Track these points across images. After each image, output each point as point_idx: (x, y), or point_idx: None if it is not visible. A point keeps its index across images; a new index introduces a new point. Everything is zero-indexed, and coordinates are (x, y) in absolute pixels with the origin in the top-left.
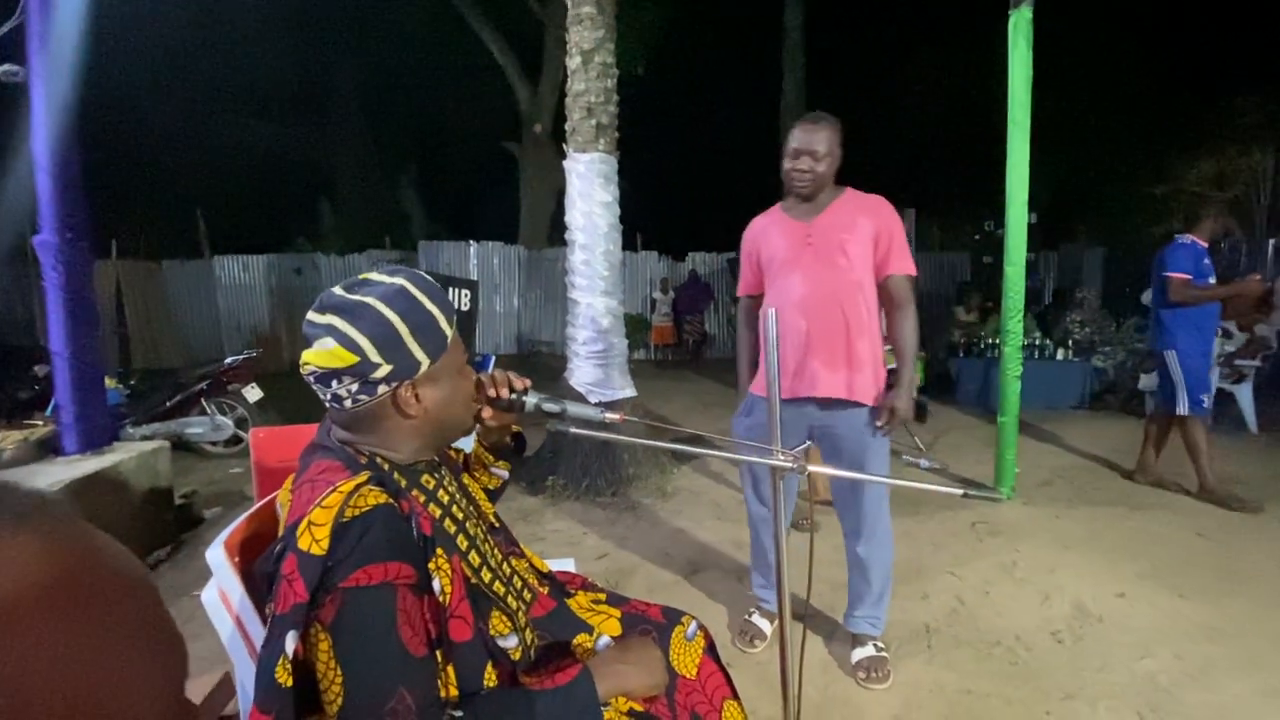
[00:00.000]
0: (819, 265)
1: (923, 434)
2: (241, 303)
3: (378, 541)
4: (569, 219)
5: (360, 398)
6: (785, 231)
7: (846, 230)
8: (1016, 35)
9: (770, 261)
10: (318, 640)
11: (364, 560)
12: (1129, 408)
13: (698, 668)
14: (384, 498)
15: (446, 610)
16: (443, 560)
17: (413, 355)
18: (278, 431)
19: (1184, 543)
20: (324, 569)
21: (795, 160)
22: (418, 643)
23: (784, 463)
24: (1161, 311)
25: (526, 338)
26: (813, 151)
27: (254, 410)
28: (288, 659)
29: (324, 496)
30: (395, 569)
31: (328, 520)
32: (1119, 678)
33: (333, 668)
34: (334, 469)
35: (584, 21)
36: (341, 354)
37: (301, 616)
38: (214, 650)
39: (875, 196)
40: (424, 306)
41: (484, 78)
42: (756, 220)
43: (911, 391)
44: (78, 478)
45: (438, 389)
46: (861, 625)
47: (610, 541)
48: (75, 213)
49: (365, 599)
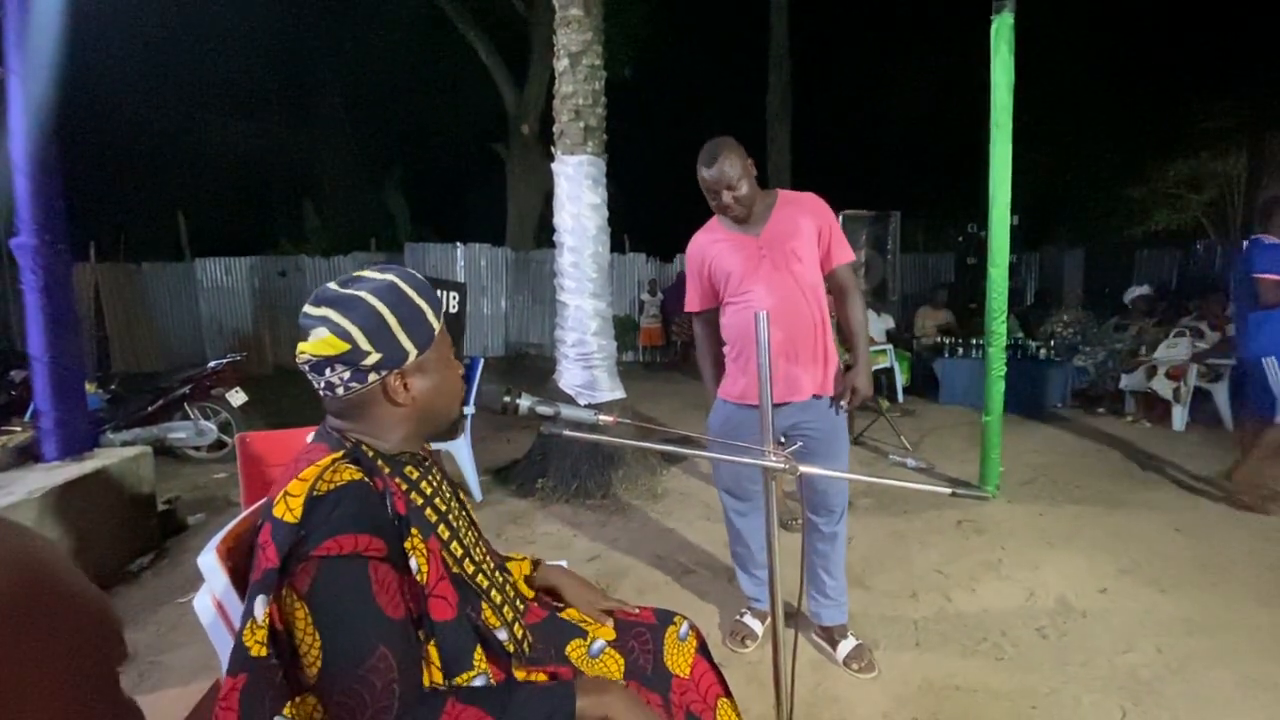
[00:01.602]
0: (779, 274)
1: (909, 433)
2: (224, 306)
3: (349, 514)
4: (557, 221)
5: (352, 385)
6: (736, 247)
7: (794, 236)
8: (998, 40)
9: (727, 277)
10: (294, 610)
11: (335, 530)
12: (1110, 407)
13: (691, 667)
14: (358, 474)
15: (425, 589)
16: (418, 540)
17: (401, 345)
18: (265, 436)
19: (1163, 538)
20: (296, 537)
21: (717, 196)
22: (394, 607)
23: (776, 464)
24: (1252, 316)
25: (514, 340)
26: (729, 183)
27: (238, 414)
28: (257, 624)
29: (301, 470)
30: (365, 541)
31: (302, 491)
32: (1102, 671)
33: (310, 633)
34: (319, 450)
35: (571, 24)
36: (334, 342)
37: (273, 582)
38: (203, 656)
39: (807, 195)
40: (412, 300)
41: (470, 79)
42: (698, 237)
43: (869, 369)
44: (58, 484)
45: (426, 379)
46: (835, 614)
47: (601, 543)
48: (54, 215)
49: (338, 567)
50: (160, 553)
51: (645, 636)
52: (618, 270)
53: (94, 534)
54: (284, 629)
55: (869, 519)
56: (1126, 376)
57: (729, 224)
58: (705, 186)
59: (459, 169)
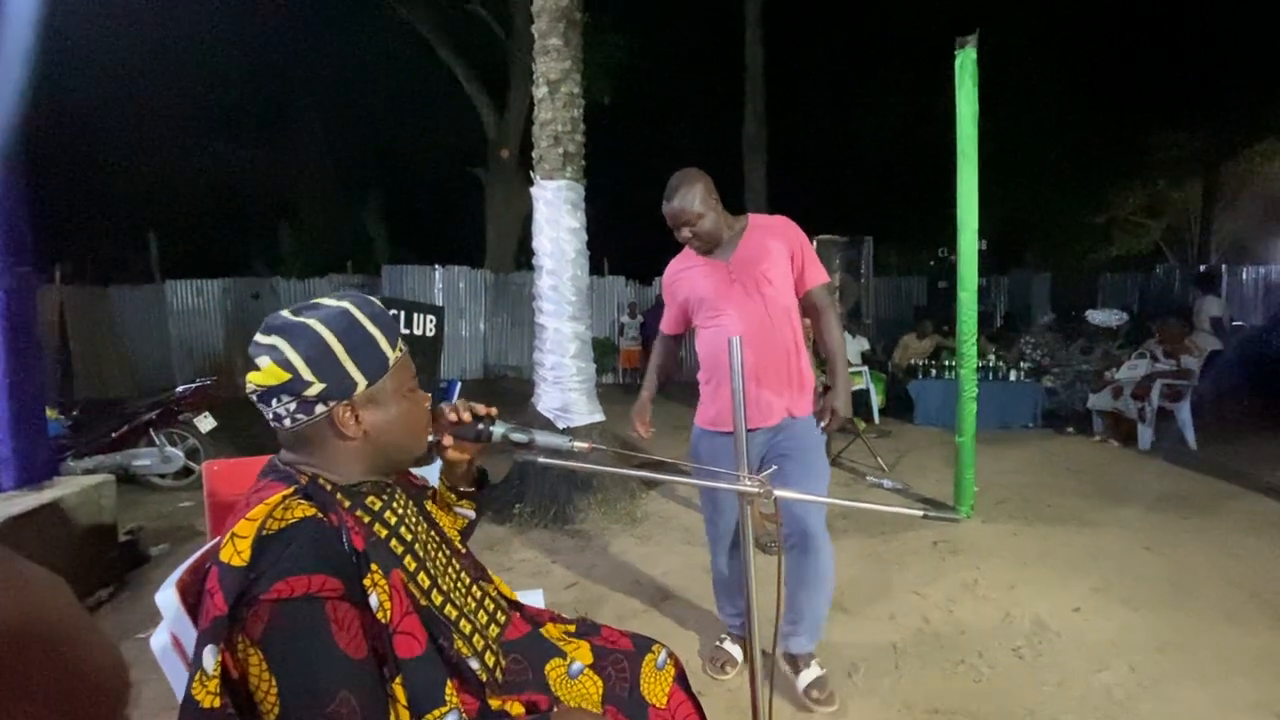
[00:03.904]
0: (749, 299)
1: (885, 454)
2: (194, 329)
3: (301, 553)
4: (536, 245)
5: (299, 416)
6: (707, 272)
7: (763, 259)
8: (962, 74)
9: (700, 303)
10: (247, 656)
11: (287, 571)
12: (1079, 426)
13: (668, 697)
14: (311, 510)
15: (388, 627)
16: (379, 576)
17: (348, 375)
18: (233, 464)
19: (1134, 556)
20: (246, 581)
21: (680, 231)
22: (355, 647)
23: (750, 488)
24: None
25: (493, 363)
26: (688, 219)
27: (206, 441)
28: (206, 675)
29: (250, 509)
30: (320, 581)
31: (250, 532)
32: (1077, 691)
33: (266, 679)
34: (271, 487)
35: (550, 53)
36: (275, 371)
37: (222, 631)
38: (164, 695)
39: (779, 218)
40: (363, 328)
41: (449, 103)
42: (674, 264)
43: (848, 391)
44: (13, 515)
45: (380, 411)
46: (805, 644)
47: (579, 570)
48: (19, 236)
49: (292, 610)
50: (120, 586)
51: (622, 664)
52: (597, 293)
53: (50, 567)
54: (239, 677)
55: (846, 541)
56: (1094, 396)
57: (696, 251)
58: (668, 219)
59: (438, 192)
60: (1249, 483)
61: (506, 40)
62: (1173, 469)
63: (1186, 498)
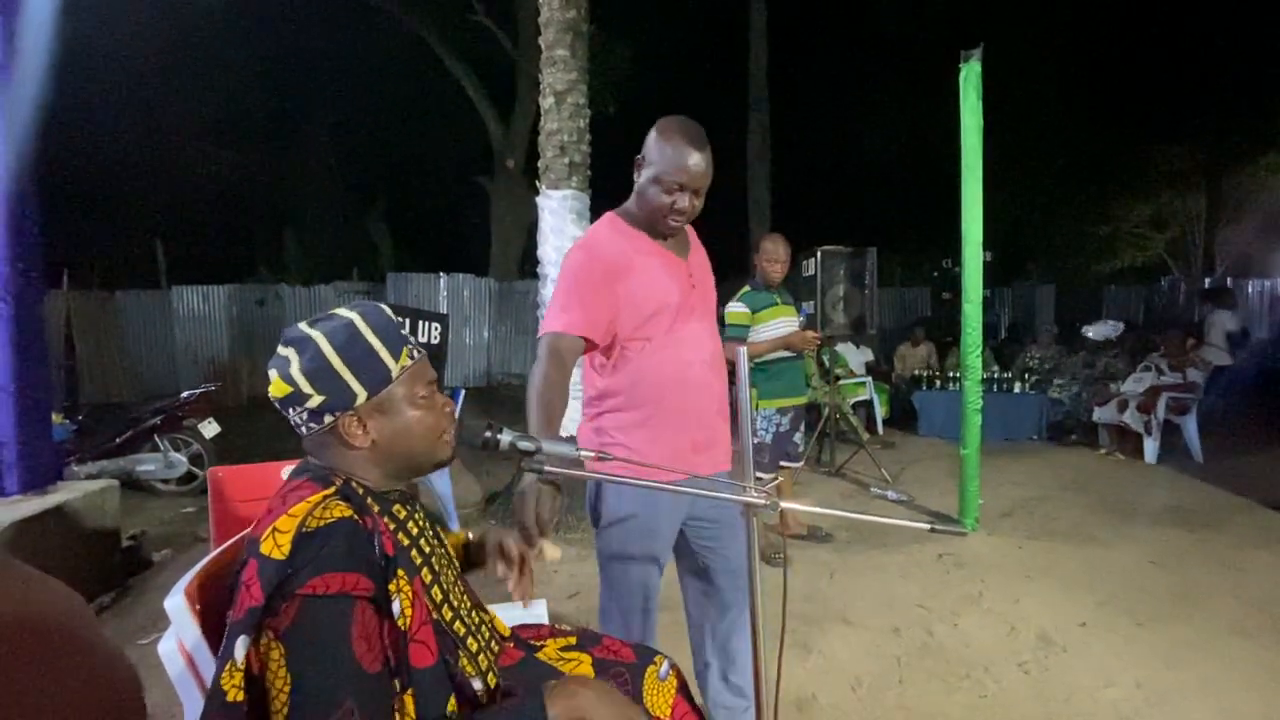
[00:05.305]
0: (708, 312)
1: (889, 465)
2: (199, 335)
3: (338, 552)
4: (541, 254)
5: (310, 425)
6: (670, 269)
7: (707, 267)
8: (967, 86)
9: (661, 309)
10: (270, 650)
11: (323, 568)
12: (1084, 439)
13: (671, 708)
14: (348, 511)
15: (406, 635)
16: (404, 582)
17: (348, 387)
18: (237, 470)
19: (1139, 570)
20: (284, 574)
21: (681, 196)
22: (371, 659)
23: (756, 500)
24: None
25: (497, 371)
26: (703, 184)
27: (210, 447)
28: (236, 666)
29: (292, 506)
30: (354, 580)
31: (291, 528)
32: (1084, 707)
33: (282, 676)
34: (307, 486)
35: (557, 64)
36: (280, 384)
37: (256, 621)
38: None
39: None
40: (364, 340)
41: (455, 112)
42: (611, 235)
43: None
44: (18, 519)
45: (389, 420)
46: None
47: (582, 579)
48: (27, 242)
49: (321, 607)
50: (123, 591)
51: (624, 676)
52: None
53: (52, 572)
54: (258, 671)
55: (850, 552)
56: (1099, 409)
57: (649, 234)
58: (668, 174)
59: (443, 200)
60: (1255, 496)
61: (513, 51)
62: (1179, 482)
63: (1193, 511)
